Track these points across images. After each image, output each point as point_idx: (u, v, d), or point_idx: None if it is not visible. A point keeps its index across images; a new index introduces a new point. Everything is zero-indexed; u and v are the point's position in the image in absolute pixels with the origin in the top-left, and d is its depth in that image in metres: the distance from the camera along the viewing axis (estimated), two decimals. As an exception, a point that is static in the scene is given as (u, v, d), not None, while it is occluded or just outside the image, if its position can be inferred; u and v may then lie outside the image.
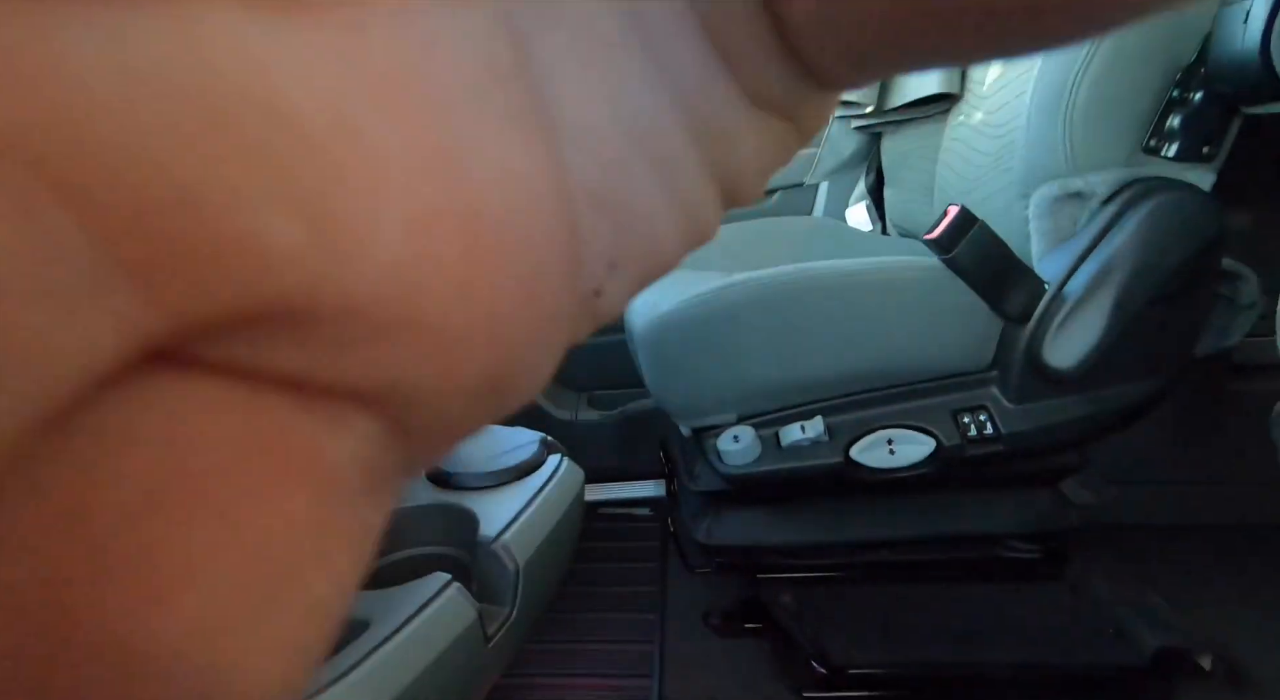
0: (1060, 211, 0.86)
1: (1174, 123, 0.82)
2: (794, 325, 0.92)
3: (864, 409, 0.96)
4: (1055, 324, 0.85)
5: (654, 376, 1.01)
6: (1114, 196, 0.83)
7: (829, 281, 0.91)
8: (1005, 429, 0.91)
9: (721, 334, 0.93)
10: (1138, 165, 0.84)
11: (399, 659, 0.39)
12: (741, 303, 0.92)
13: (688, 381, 0.98)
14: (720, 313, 0.92)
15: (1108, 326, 0.83)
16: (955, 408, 0.94)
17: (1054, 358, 0.86)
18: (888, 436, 0.94)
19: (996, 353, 0.92)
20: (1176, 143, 0.82)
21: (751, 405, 0.98)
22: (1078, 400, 0.90)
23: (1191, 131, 0.81)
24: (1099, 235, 0.83)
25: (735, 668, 0.93)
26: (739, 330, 0.93)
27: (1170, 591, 1.02)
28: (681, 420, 1.01)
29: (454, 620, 0.43)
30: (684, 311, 0.94)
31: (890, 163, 1.33)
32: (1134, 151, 0.84)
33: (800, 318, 0.91)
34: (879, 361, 0.94)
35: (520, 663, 1.02)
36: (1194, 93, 0.80)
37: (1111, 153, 0.84)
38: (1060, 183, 0.85)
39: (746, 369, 0.95)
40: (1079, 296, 0.83)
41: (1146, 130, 0.83)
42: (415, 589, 0.43)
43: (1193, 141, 0.82)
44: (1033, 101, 0.87)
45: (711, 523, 1.09)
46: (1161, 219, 0.81)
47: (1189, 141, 0.82)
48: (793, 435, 0.95)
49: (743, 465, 0.96)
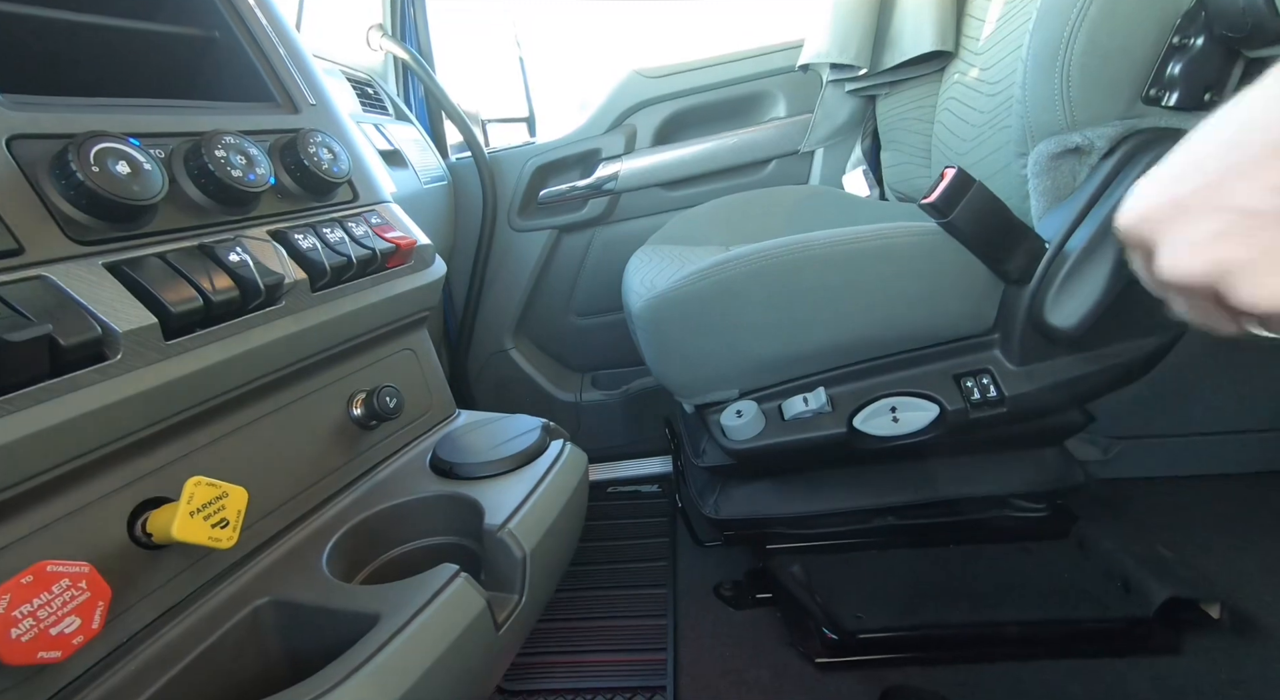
0: (1059, 168, 0.84)
1: (1174, 70, 0.79)
2: (792, 298, 0.91)
3: (866, 378, 0.95)
4: (1056, 283, 0.84)
5: (653, 356, 1.01)
6: (1113, 150, 0.81)
7: (825, 252, 0.90)
8: (1009, 391, 0.91)
9: (719, 310, 0.92)
10: (1138, 116, 0.81)
11: (411, 651, 0.39)
12: (738, 278, 0.91)
13: (687, 359, 0.98)
14: (717, 289, 0.91)
15: (1109, 284, 0.82)
16: (958, 372, 0.93)
17: (1056, 317, 0.85)
18: (891, 404, 0.94)
19: (998, 315, 0.91)
20: (1177, 91, 0.79)
21: (753, 380, 0.98)
22: (1081, 359, 0.89)
23: (1192, 79, 0.78)
24: (1098, 191, 0.81)
25: (748, 637, 0.94)
26: (737, 305, 0.92)
27: (1177, 543, 1.03)
28: (684, 398, 1.01)
29: (464, 610, 0.44)
30: (680, 289, 0.93)
31: (886, 126, 1.31)
32: (1133, 102, 0.81)
33: (798, 290, 0.91)
34: (879, 329, 0.93)
35: (535, 641, 1.03)
36: (1194, 38, 0.77)
37: (1110, 105, 0.81)
38: (1058, 139, 0.82)
39: (746, 344, 0.94)
40: (1079, 255, 0.82)
41: (1146, 79, 0.80)
42: (424, 581, 0.44)
43: (1194, 89, 0.79)
44: (1029, 55, 0.84)
45: (719, 498, 1.10)
46: None
47: (1190, 89, 0.79)
48: (795, 407, 0.95)
49: (747, 439, 0.96)
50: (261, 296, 0.45)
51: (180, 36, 0.54)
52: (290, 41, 0.60)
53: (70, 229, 0.38)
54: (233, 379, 0.44)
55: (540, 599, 0.53)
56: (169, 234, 0.43)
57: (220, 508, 0.39)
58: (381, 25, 1.40)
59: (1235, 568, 0.97)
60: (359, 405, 0.56)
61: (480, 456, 0.57)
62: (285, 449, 0.50)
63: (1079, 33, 0.79)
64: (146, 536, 0.39)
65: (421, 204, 1.24)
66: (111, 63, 0.51)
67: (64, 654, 0.31)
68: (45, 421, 0.33)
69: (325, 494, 0.53)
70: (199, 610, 0.42)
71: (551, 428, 0.64)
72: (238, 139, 0.47)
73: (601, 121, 1.46)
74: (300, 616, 0.43)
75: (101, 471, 0.38)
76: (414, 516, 0.54)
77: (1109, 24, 0.79)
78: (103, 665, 0.37)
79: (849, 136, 1.39)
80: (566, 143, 1.47)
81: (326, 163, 0.53)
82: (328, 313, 0.51)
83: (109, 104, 0.45)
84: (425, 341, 0.67)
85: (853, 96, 1.34)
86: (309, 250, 0.50)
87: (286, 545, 0.48)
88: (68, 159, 0.37)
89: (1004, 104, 0.98)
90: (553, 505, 0.54)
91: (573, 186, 1.47)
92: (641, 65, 1.46)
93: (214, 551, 0.43)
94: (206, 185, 0.45)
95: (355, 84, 1.24)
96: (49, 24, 0.46)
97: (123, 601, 0.39)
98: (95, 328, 0.35)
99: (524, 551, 0.49)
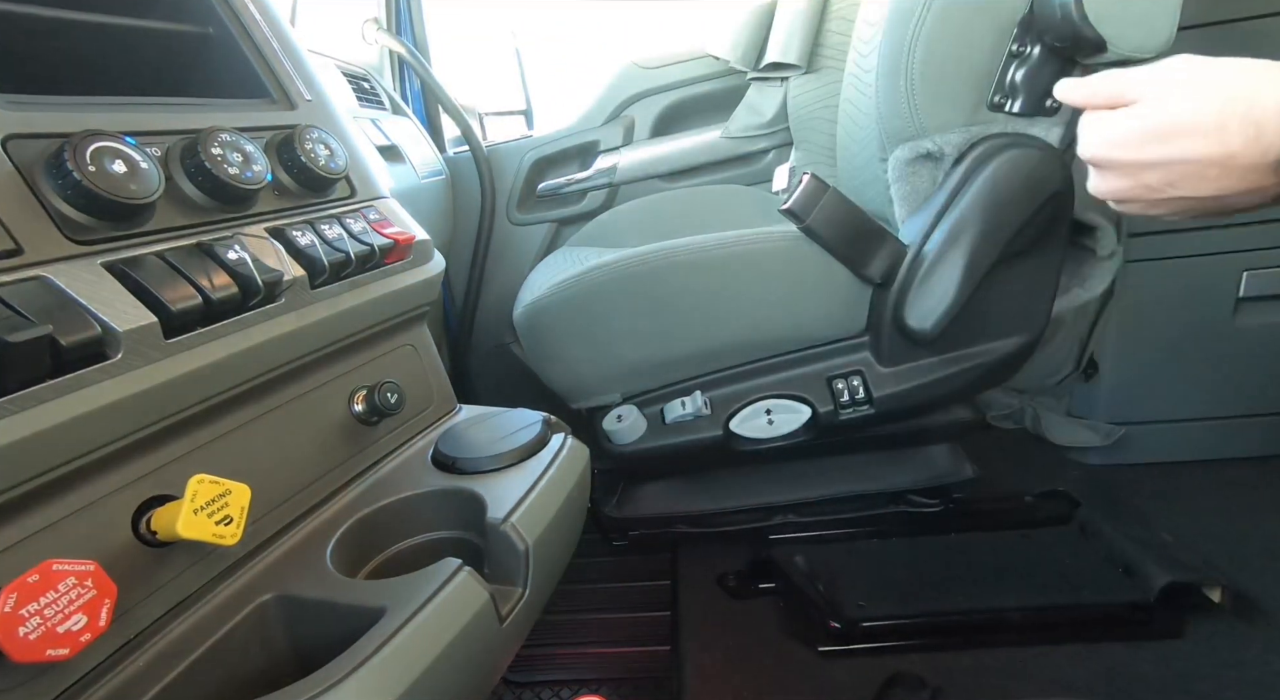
0: (917, 173, 0.85)
1: (1015, 77, 0.79)
2: (660, 304, 0.93)
3: (743, 381, 0.97)
4: (914, 286, 0.85)
5: (535, 361, 1.03)
6: (964, 156, 0.82)
7: (688, 258, 0.91)
8: (876, 392, 0.92)
9: (591, 317, 0.94)
10: (984, 122, 0.82)
11: (416, 644, 0.39)
12: (606, 285, 0.92)
13: (566, 365, 1.00)
14: (585, 296, 0.93)
15: (960, 287, 0.83)
16: (831, 374, 0.95)
17: (914, 320, 0.86)
18: (766, 407, 0.96)
19: (869, 317, 0.92)
20: (1020, 98, 0.80)
21: (632, 384, 0.99)
22: (944, 360, 0.91)
23: (1033, 86, 0.79)
24: (950, 196, 0.82)
25: (751, 627, 0.95)
26: (608, 312, 0.94)
27: (1178, 528, 1.03)
28: (570, 402, 1.03)
29: (468, 603, 0.44)
30: (552, 297, 0.95)
31: (797, 124, 1.31)
32: (978, 108, 0.81)
33: (665, 296, 0.92)
34: (749, 333, 0.94)
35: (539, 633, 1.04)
36: (1030, 47, 0.78)
37: (955, 112, 0.81)
38: (911, 145, 0.83)
39: (620, 349, 0.96)
40: (933, 258, 0.83)
41: (989, 87, 0.80)
42: (428, 575, 0.44)
43: (1034, 95, 0.79)
44: (879, 63, 0.84)
45: (620, 498, 1.12)
46: (1006, 176, 0.79)
47: (1031, 96, 0.79)
48: (675, 411, 0.97)
49: (629, 443, 0.98)
50: (261, 294, 0.45)
51: (175, 33, 0.54)
52: (285, 37, 0.60)
53: (68, 229, 0.38)
54: (233, 377, 0.44)
55: (544, 591, 0.54)
56: (167, 233, 0.43)
57: (224, 505, 0.39)
58: (376, 19, 1.39)
59: (1236, 552, 0.98)
60: (360, 401, 0.56)
61: (482, 451, 0.58)
62: (287, 446, 0.50)
63: (918, 41, 0.78)
64: (151, 534, 0.39)
65: (420, 199, 1.24)
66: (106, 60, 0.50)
67: (71, 651, 0.32)
68: (47, 421, 0.33)
69: (328, 490, 0.53)
70: (205, 607, 0.42)
71: (553, 422, 0.64)
72: (234, 136, 0.47)
73: (599, 113, 1.45)
74: (306, 611, 0.44)
75: (105, 470, 0.38)
76: (417, 511, 0.55)
77: (945, 33, 0.78)
78: (110, 662, 0.38)
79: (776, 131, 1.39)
80: (564, 135, 1.47)
81: (323, 159, 0.53)
82: (327, 309, 0.51)
83: (104, 102, 0.45)
84: (425, 337, 0.67)
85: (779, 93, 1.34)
86: (307, 247, 0.50)
87: (291, 541, 0.49)
88: (64, 158, 0.37)
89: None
90: (554, 498, 0.55)
91: (571, 179, 1.46)
92: (639, 56, 1.45)
93: (218, 548, 0.44)
94: (203, 183, 0.45)
95: (351, 79, 1.23)
96: (42, 22, 0.46)
97: (129, 599, 0.39)
98: (95, 327, 0.35)
99: (526, 545, 0.49)
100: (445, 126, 1.53)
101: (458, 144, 1.52)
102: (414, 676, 0.38)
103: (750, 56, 1.31)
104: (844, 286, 0.91)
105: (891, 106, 0.83)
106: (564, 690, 0.95)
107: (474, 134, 1.41)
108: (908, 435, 1.04)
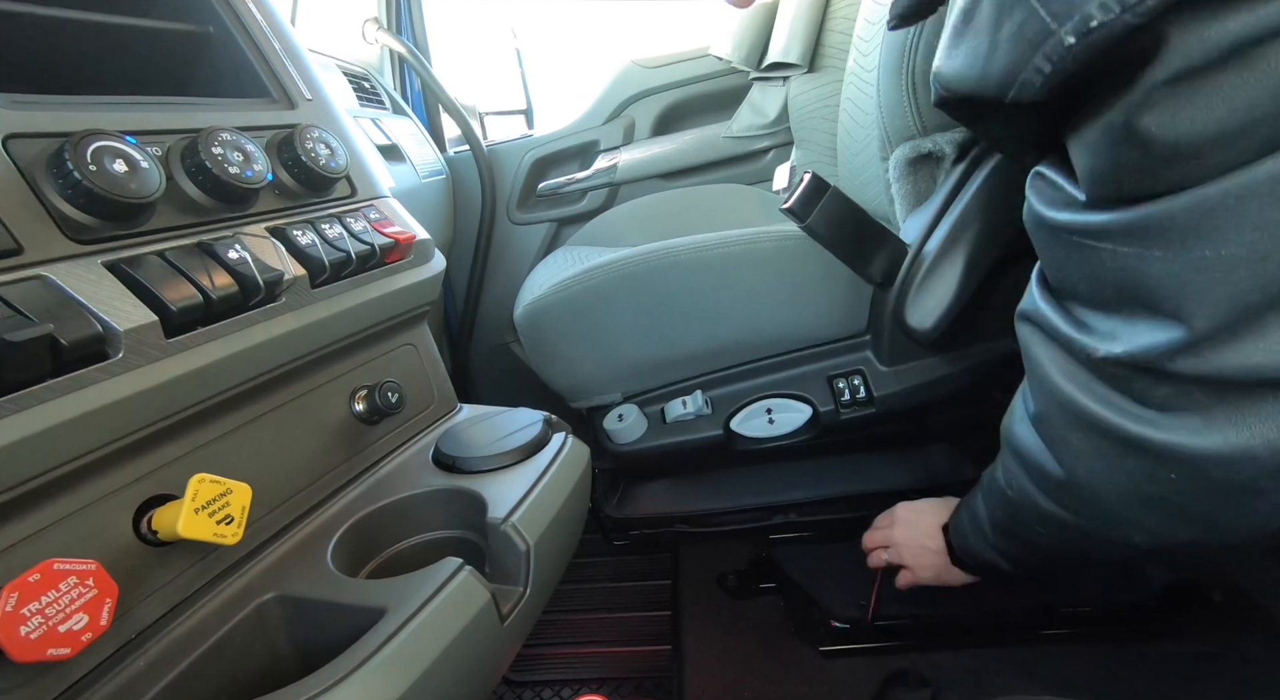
0: (917, 173, 0.84)
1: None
2: (661, 303, 0.93)
3: (744, 380, 0.97)
4: (915, 285, 0.84)
5: (536, 361, 1.03)
6: (964, 155, 0.81)
7: (689, 257, 0.91)
8: (878, 392, 0.92)
9: (592, 316, 0.94)
10: None
11: (418, 644, 0.39)
12: (607, 284, 0.92)
13: (567, 364, 1.00)
14: (586, 295, 0.93)
15: (960, 287, 0.82)
16: (832, 374, 0.95)
17: (914, 319, 0.85)
18: (767, 406, 0.96)
19: (870, 317, 0.92)
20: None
21: (633, 384, 0.99)
22: (943, 360, 0.91)
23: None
24: (950, 195, 0.81)
25: (752, 627, 0.95)
26: (608, 311, 0.93)
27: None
28: (570, 401, 1.03)
29: (469, 603, 0.44)
30: (552, 296, 0.95)
31: (797, 123, 1.30)
32: None
33: (666, 295, 0.92)
34: (750, 333, 0.94)
35: (540, 632, 1.04)
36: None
37: None
38: (912, 144, 0.82)
39: (621, 349, 0.96)
40: (934, 258, 0.83)
41: None
42: (429, 574, 0.44)
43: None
44: (880, 62, 0.84)
45: (620, 497, 1.12)
46: (1005, 176, 0.78)
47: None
48: (676, 410, 0.97)
49: (629, 442, 0.98)
50: (261, 293, 0.45)
51: (175, 32, 0.54)
52: (285, 36, 0.60)
53: (68, 228, 0.38)
54: (234, 376, 0.44)
55: (544, 591, 0.53)
56: (168, 232, 0.43)
57: (225, 504, 0.39)
58: (377, 19, 1.39)
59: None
60: (361, 401, 0.56)
61: (483, 450, 0.58)
62: (288, 445, 0.50)
63: (920, 41, 0.78)
64: (152, 534, 0.39)
65: (420, 198, 1.24)
66: (106, 60, 0.50)
67: (73, 651, 0.32)
68: (48, 421, 0.33)
69: (329, 489, 0.53)
70: (206, 606, 0.42)
71: (553, 421, 0.64)
72: (234, 135, 0.47)
73: (599, 112, 1.45)
74: (307, 611, 0.44)
75: (106, 470, 0.38)
76: (418, 511, 0.55)
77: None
78: (111, 661, 0.38)
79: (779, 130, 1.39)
80: (565, 134, 1.46)
81: (324, 158, 0.53)
82: (328, 309, 0.51)
83: (105, 102, 0.45)
84: (426, 336, 0.67)
85: (781, 92, 1.34)
86: (308, 246, 0.50)
87: (291, 541, 0.49)
88: (64, 158, 0.37)
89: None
90: (555, 498, 0.55)
91: (571, 178, 1.46)
92: (639, 56, 1.45)
93: (219, 548, 0.44)
94: (204, 182, 0.45)
95: (351, 78, 1.23)
96: (42, 21, 0.46)
97: (130, 598, 0.39)
98: (96, 326, 0.35)
99: (527, 544, 0.49)
100: (445, 126, 1.53)
101: (458, 143, 1.52)
102: (415, 676, 0.38)
103: (753, 57, 1.31)
104: (845, 286, 0.90)
105: (892, 105, 0.82)
106: (564, 690, 0.95)
107: (474, 133, 1.41)
108: (908, 435, 1.04)
